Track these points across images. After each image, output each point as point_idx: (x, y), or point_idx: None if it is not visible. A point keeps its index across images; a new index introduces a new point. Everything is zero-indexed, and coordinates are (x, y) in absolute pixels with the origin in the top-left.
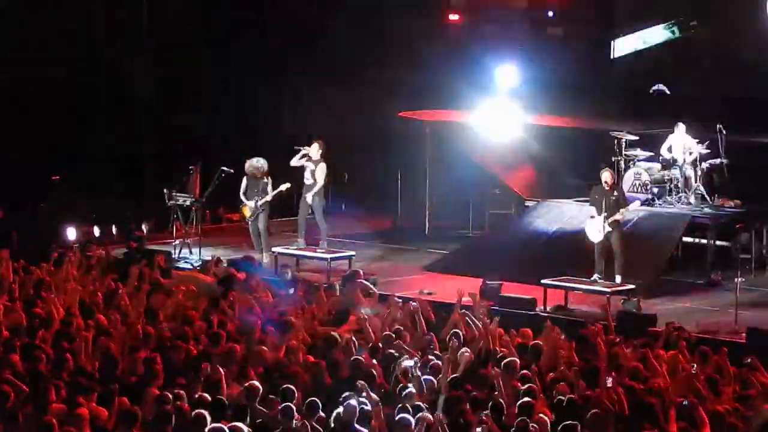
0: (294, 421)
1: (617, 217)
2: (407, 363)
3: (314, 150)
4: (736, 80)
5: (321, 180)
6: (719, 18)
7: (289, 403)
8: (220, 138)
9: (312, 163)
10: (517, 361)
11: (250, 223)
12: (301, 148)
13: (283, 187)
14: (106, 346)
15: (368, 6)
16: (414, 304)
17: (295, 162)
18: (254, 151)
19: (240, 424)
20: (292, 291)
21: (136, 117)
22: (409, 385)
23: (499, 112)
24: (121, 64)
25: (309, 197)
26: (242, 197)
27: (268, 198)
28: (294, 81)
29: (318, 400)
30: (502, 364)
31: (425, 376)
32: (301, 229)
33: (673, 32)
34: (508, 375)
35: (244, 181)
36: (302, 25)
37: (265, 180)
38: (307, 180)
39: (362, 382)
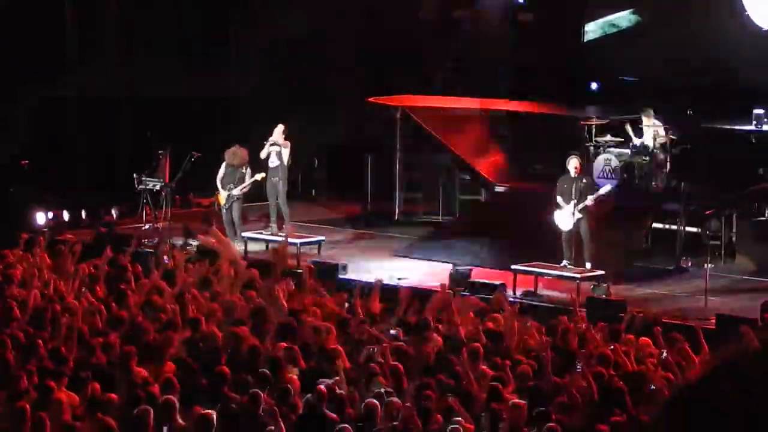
0: (262, 407)
1: (587, 202)
2: (371, 349)
3: (278, 132)
4: (706, 66)
5: (285, 160)
6: (689, 4)
7: (258, 390)
8: (189, 123)
9: (277, 145)
10: (480, 347)
11: (224, 211)
12: (268, 141)
13: (258, 176)
14: (78, 331)
15: None
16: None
17: (264, 153)
18: (221, 138)
19: (209, 411)
20: None
21: (105, 100)
22: (377, 370)
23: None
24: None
25: (275, 180)
26: (218, 184)
27: (245, 188)
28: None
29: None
30: (469, 350)
31: (393, 363)
32: (273, 215)
33: (639, 17)
34: (475, 361)
35: (222, 168)
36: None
37: (243, 170)
38: (272, 163)
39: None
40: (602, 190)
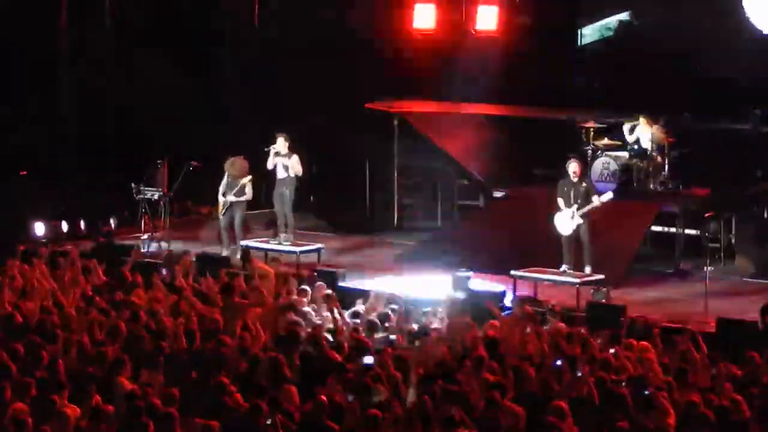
0: (263, 418)
1: (589, 207)
2: (368, 359)
3: (281, 144)
4: (702, 67)
5: (298, 171)
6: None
7: (258, 400)
8: (185, 132)
9: (283, 157)
10: (485, 354)
11: (221, 217)
12: (270, 148)
13: (246, 179)
14: (78, 343)
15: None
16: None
17: (270, 163)
18: (220, 146)
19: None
20: None
21: (98, 109)
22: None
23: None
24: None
25: (283, 190)
26: (219, 194)
27: (243, 198)
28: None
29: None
30: (471, 358)
31: (393, 371)
32: (281, 223)
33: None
34: (477, 368)
35: (225, 180)
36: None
37: (244, 180)
38: (280, 174)
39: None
40: (604, 198)
